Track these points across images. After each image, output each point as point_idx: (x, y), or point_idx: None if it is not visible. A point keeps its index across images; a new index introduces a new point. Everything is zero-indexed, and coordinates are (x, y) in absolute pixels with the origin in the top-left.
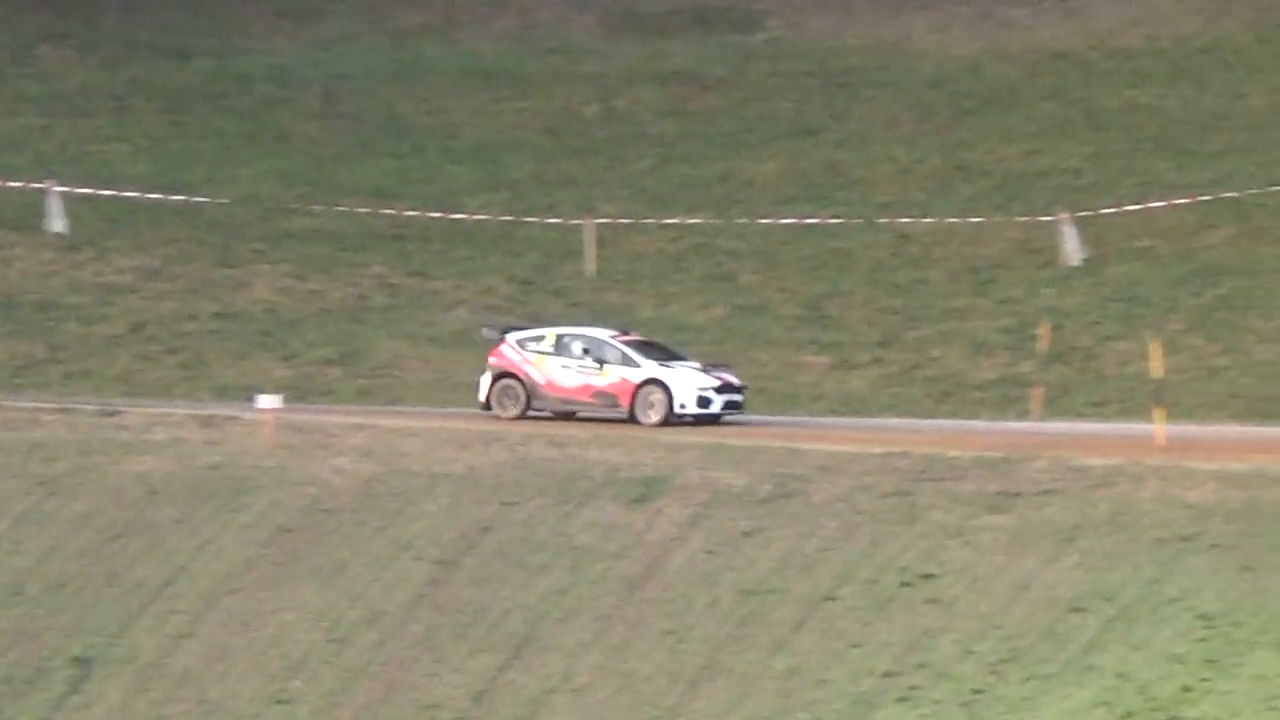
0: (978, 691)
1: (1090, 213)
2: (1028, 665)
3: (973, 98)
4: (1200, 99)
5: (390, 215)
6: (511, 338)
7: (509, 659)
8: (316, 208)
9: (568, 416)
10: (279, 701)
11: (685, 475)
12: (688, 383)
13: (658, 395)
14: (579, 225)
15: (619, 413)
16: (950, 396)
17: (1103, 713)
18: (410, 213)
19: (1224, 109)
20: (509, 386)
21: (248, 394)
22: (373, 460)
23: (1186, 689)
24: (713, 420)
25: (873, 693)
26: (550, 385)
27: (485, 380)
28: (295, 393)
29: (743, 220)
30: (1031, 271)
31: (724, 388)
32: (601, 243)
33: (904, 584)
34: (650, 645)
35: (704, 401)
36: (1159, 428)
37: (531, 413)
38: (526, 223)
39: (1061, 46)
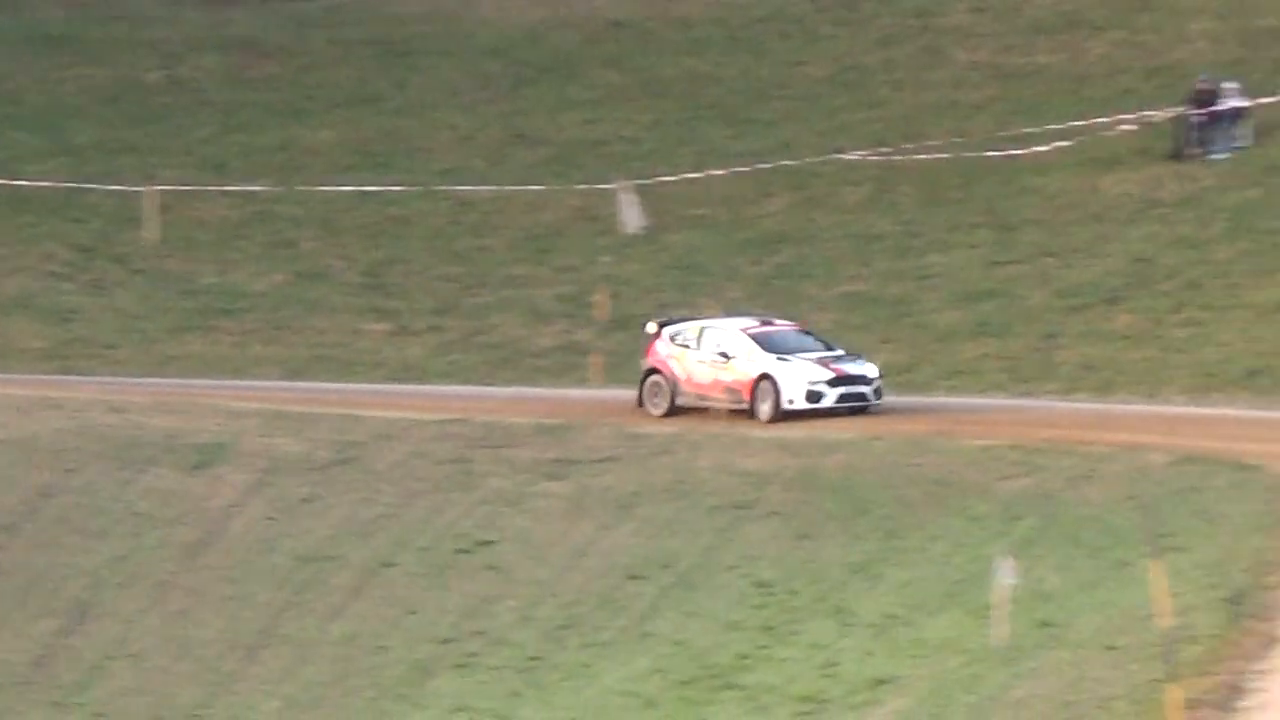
0: (535, 658)
1: (649, 181)
2: (586, 632)
3: (532, 66)
4: (758, 68)
5: None
6: (666, 332)
7: (69, 624)
8: None
9: (740, 413)
10: None
11: (245, 442)
12: (798, 376)
13: (769, 390)
14: (141, 192)
15: (744, 406)
16: (509, 363)
17: (660, 679)
18: None
19: (782, 78)
20: (656, 383)
21: None
22: None
23: (743, 656)
24: (832, 414)
25: (431, 659)
26: (689, 381)
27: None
28: None
29: (303, 188)
30: (590, 239)
31: (839, 380)
32: (163, 210)
33: (462, 551)
34: (210, 611)
35: (814, 396)
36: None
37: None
38: (88, 189)
39: (621, 15)
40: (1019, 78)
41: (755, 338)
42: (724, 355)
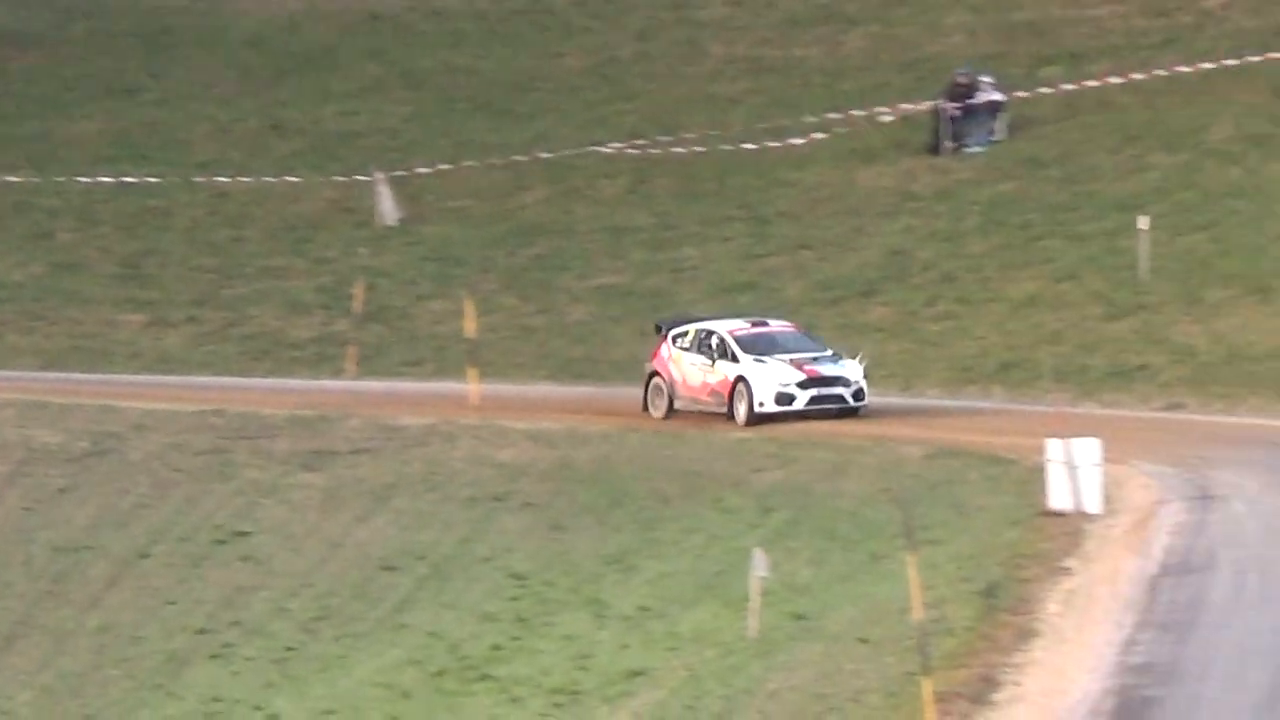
0: (291, 649)
1: (406, 172)
2: (340, 623)
3: (291, 57)
4: (516, 60)
5: None
6: (671, 334)
7: None
8: None
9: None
10: None
11: (1, 432)
12: (770, 379)
13: (744, 393)
14: None
15: (725, 410)
16: (266, 355)
17: (414, 670)
18: None
19: (540, 70)
20: (657, 385)
21: None
22: None
23: (498, 647)
24: (817, 416)
25: (186, 650)
26: (684, 384)
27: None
28: None
29: (61, 178)
30: (348, 231)
31: (810, 382)
32: None
33: (218, 541)
34: None
35: (784, 398)
36: (473, 387)
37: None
38: None
39: (380, 7)
40: (776, 71)
41: (739, 339)
42: (710, 358)
